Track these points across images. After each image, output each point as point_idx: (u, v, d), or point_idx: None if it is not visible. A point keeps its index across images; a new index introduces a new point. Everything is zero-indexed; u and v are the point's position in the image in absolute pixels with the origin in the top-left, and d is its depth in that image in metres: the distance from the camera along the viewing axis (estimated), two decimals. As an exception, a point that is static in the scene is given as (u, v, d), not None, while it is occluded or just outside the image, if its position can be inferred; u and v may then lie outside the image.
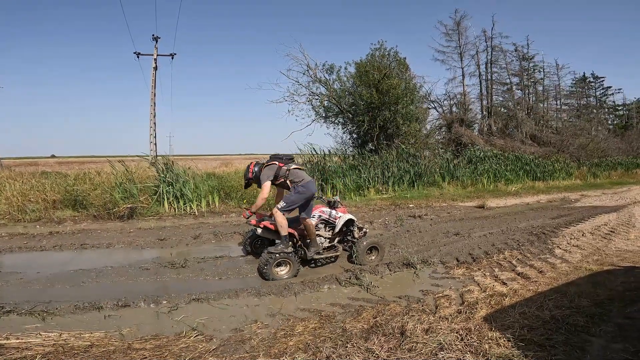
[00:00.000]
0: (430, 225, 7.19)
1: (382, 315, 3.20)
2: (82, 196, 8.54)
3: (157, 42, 14.57)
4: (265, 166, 4.46)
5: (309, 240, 4.54)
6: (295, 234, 4.59)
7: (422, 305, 3.42)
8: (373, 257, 4.92)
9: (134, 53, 14.58)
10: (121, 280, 4.30)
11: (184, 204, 8.60)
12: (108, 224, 7.52)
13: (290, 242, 4.43)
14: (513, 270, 4.45)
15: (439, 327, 2.86)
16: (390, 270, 4.47)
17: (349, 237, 5.01)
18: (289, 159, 4.64)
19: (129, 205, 8.05)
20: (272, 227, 4.48)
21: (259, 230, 4.53)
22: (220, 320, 3.12)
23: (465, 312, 3.16)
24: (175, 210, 8.53)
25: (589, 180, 17.56)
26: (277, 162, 4.48)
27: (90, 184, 9.24)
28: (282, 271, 4.31)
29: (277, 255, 4.18)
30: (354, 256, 4.74)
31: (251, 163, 4.57)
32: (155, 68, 14.66)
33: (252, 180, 4.51)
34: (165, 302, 3.47)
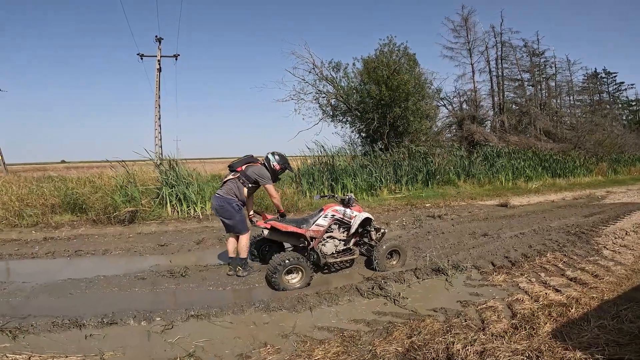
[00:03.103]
0: (453, 226, 6.59)
1: (418, 334, 2.64)
2: (82, 200, 8.12)
3: (160, 43, 14.24)
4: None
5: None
6: (307, 235, 4.06)
7: (465, 320, 2.84)
8: (394, 262, 4.38)
9: (137, 54, 14.28)
10: (113, 291, 3.82)
11: (187, 207, 8.12)
12: (107, 228, 7.08)
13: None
14: (562, 274, 3.85)
15: (496, 347, 2.29)
16: (417, 277, 3.90)
17: (366, 240, 4.47)
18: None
19: (129, 209, 7.61)
20: (281, 227, 3.97)
21: (266, 232, 4.04)
22: (223, 343, 2.58)
23: (524, 327, 2.59)
24: (178, 214, 8.06)
25: (610, 176, 16.74)
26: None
27: (91, 187, 8.83)
28: (294, 279, 3.79)
29: (287, 261, 3.66)
30: (374, 261, 4.19)
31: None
32: (159, 69, 14.31)
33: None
34: (158, 318, 2.95)
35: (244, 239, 4.10)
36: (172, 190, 8.07)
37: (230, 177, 4.13)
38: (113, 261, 5.03)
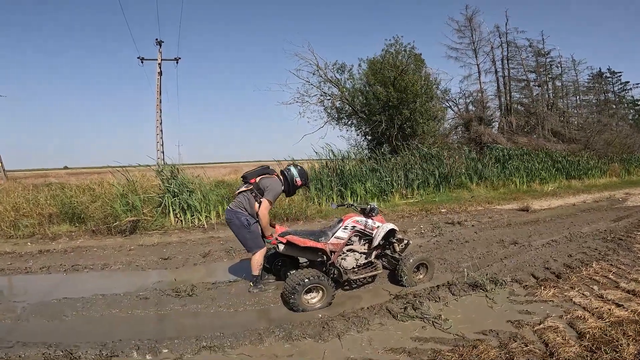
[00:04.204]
0: (476, 233, 6.16)
1: (473, 367, 2.22)
2: (80, 209, 7.73)
3: (160, 46, 13.96)
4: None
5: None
6: (326, 249, 3.65)
7: (525, 344, 2.43)
8: (421, 276, 3.96)
9: (138, 58, 13.99)
10: (112, 313, 3.42)
11: (191, 216, 7.71)
12: (107, 240, 6.67)
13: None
14: (617, 287, 3.44)
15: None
16: (453, 294, 3.48)
17: (389, 252, 4.05)
18: None
19: (131, 219, 7.20)
20: (299, 242, 3.54)
21: (281, 247, 3.60)
22: (243, 384, 2.17)
23: (602, 349, 2.18)
24: (182, 223, 7.64)
25: (624, 177, 16.30)
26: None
27: (90, 195, 8.44)
28: (314, 299, 3.38)
29: (307, 280, 3.25)
30: (403, 277, 3.77)
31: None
32: (160, 73, 14.02)
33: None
34: (166, 350, 2.54)
35: (255, 256, 3.74)
36: (175, 199, 7.66)
37: (243, 189, 3.80)
38: (113, 277, 4.62)
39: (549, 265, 4.17)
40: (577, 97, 28.66)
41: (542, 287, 3.48)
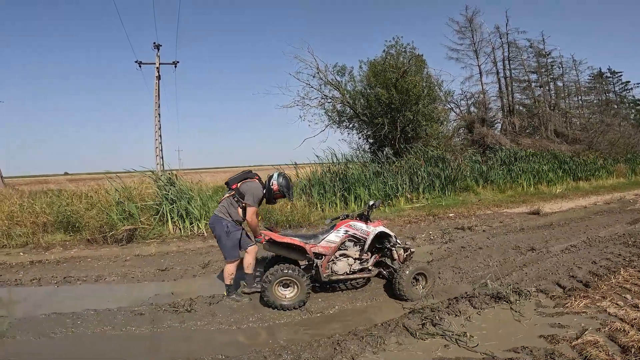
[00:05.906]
0: (488, 239, 5.88)
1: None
2: (75, 217, 7.46)
3: (158, 50, 13.77)
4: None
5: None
6: (307, 248, 3.55)
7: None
8: (421, 286, 3.65)
9: (135, 62, 13.79)
10: (104, 331, 3.17)
11: (190, 224, 7.43)
12: (102, 249, 6.40)
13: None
14: (651, 297, 3.16)
15: None
16: (474, 307, 3.20)
17: (388, 261, 3.81)
18: None
19: (127, 227, 6.93)
20: (276, 237, 3.51)
21: (265, 244, 3.59)
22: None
23: None
24: (180, 231, 7.36)
25: (631, 177, 16.04)
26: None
27: (86, 203, 8.17)
28: (290, 294, 3.43)
29: (278, 272, 3.36)
30: (400, 290, 3.49)
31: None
32: (158, 77, 13.82)
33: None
34: (159, 377, 2.26)
35: (228, 267, 3.66)
36: (172, 206, 7.39)
37: (226, 195, 3.74)
38: (106, 290, 4.34)
39: (574, 273, 3.90)
40: (579, 98, 28.47)
41: (572, 298, 3.21)
